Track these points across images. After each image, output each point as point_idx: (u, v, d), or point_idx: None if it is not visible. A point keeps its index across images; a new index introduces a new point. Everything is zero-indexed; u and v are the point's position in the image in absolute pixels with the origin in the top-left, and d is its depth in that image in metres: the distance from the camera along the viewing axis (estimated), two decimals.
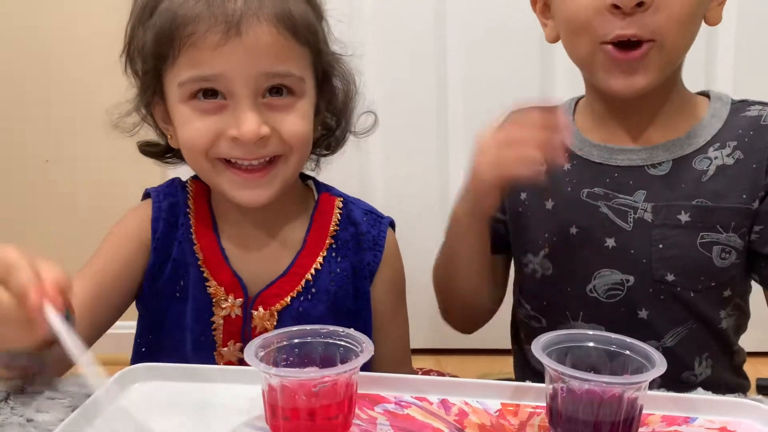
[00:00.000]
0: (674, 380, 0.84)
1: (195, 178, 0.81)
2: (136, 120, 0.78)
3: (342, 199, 0.83)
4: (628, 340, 0.59)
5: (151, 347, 0.80)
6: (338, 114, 0.81)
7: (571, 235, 0.84)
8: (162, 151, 0.82)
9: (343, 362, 0.58)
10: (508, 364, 1.63)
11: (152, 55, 0.71)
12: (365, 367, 0.85)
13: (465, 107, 1.64)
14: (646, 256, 0.81)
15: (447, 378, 0.67)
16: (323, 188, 0.84)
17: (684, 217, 0.80)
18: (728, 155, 0.80)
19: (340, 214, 0.81)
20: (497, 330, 1.69)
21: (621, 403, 0.54)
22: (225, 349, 0.77)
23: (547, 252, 0.86)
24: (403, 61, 1.63)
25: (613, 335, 0.60)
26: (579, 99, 0.91)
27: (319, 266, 0.78)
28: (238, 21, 0.66)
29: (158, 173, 1.03)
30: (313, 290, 0.77)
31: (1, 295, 0.53)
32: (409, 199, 1.69)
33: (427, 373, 1.40)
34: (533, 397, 0.63)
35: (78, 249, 0.82)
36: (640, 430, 0.59)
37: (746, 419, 0.61)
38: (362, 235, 0.81)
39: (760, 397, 0.66)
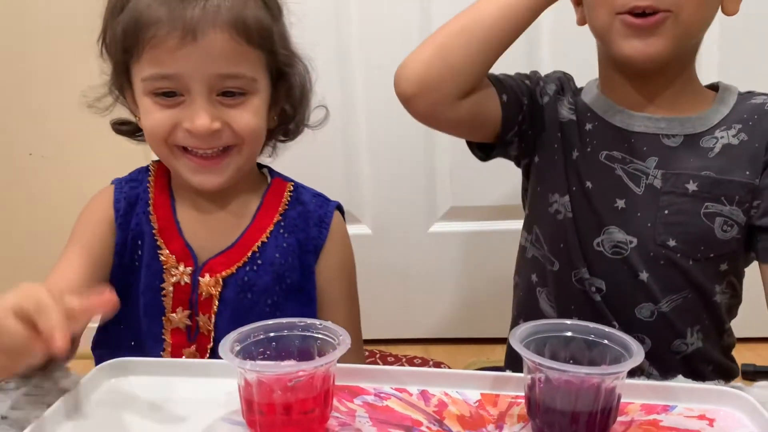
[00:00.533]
0: (666, 347, 0.87)
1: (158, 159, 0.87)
2: (109, 102, 0.84)
3: (293, 184, 0.88)
4: (607, 329, 0.59)
5: (113, 317, 0.82)
6: (296, 106, 0.86)
7: (587, 188, 0.88)
8: (134, 129, 0.87)
9: (320, 355, 0.57)
10: (495, 352, 1.64)
11: (121, 48, 0.77)
12: None
13: None
14: (651, 220, 0.84)
15: (427, 369, 0.67)
16: (276, 175, 0.89)
17: (692, 186, 0.83)
18: (733, 136, 0.84)
19: (290, 195, 0.86)
20: (484, 320, 1.71)
21: (599, 393, 0.54)
22: (173, 314, 0.81)
23: (569, 198, 0.89)
24: (390, 63, 1.62)
25: (591, 324, 0.60)
26: None
27: (265, 239, 0.82)
28: (195, 27, 0.72)
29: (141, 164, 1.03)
30: (259, 261, 0.81)
31: (15, 329, 0.54)
32: (395, 197, 1.68)
33: (411, 360, 1.41)
34: (513, 387, 0.63)
35: (61, 243, 0.83)
36: (619, 419, 0.59)
37: (725, 407, 0.61)
38: (309, 213, 0.85)
39: (740, 384, 0.66)
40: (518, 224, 1.69)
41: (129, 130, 0.88)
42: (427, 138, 1.65)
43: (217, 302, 0.80)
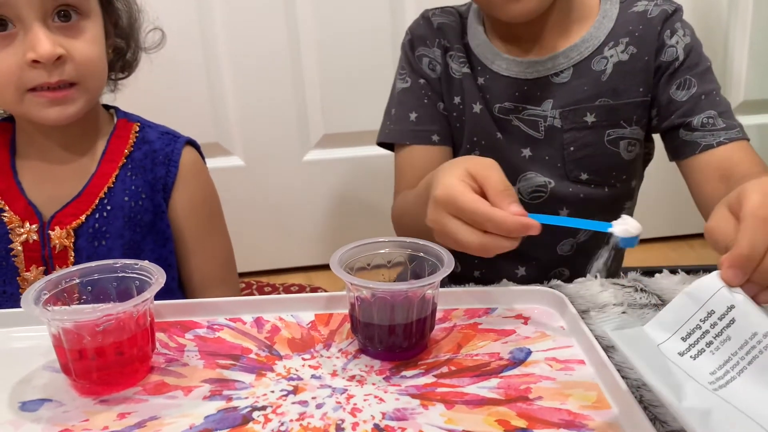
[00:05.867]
0: (582, 274, 0.87)
1: None
2: None
3: (140, 123, 0.85)
4: (421, 242, 0.61)
5: None
6: (126, 36, 0.83)
7: (498, 139, 0.87)
8: None
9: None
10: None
11: None
12: (173, 291, 0.85)
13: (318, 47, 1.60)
14: (560, 161, 0.86)
15: (260, 296, 0.68)
16: (122, 115, 0.86)
17: (590, 118, 0.84)
18: (622, 51, 0.84)
19: (136, 136, 0.84)
20: None
21: (411, 305, 0.56)
22: (27, 273, 0.80)
23: (477, 155, 0.88)
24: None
25: (407, 240, 0.62)
26: None
27: (111, 184, 0.81)
28: None
29: None
30: (108, 207, 0.80)
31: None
32: (265, 128, 1.65)
33: (288, 288, 1.42)
34: (346, 305, 0.65)
35: None
36: (442, 325, 0.63)
37: (539, 305, 0.66)
38: (155, 152, 0.83)
39: (558, 282, 0.71)
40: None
41: None
42: (294, 64, 1.62)
43: (73, 253, 0.79)
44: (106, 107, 0.87)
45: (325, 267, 1.84)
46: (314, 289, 1.40)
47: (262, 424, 0.50)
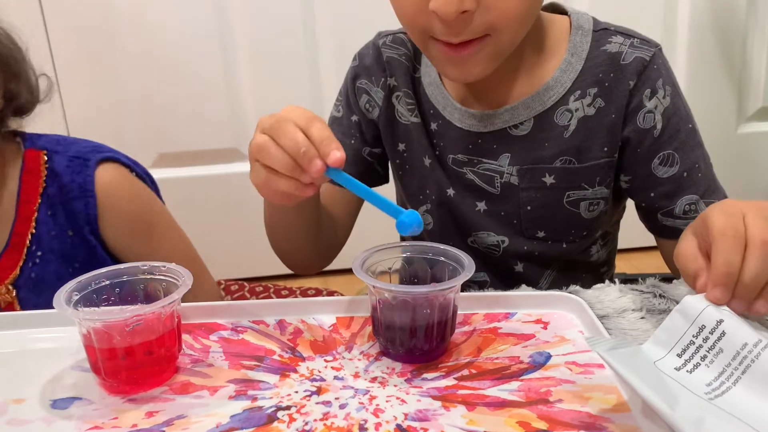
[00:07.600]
0: None
1: None
2: None
3: (46, 151, 0.80)
4: (442, 247, 0.62)
5: None
6: (15, 79, 0.78)
7: (448, 195, 0.83)
8: None
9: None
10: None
11: None
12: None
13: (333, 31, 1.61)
14: (516, 218, 0.81)
15: (283, 299, 0.69)
16: (29, 143, 0.81)
17: (549, 180, 0.78)
18: (589, 105, 0.76)
19: (46, 168, 0.79)
20: None
21: (432, 308, 0.57)
22: None
23: (429, 208, 0.85)
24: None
25: (428, 244, 0.63)
26: None
27: (33, 230, 0.77)
28: None
29: None
30: (39, 253, 0.77)
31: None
32: None
33: (305, 291, 1.43)
34: (366, 309, 0.66)
35: None
36: (462, 329, 0.63)
37: (558, 310, 0.66)
38: (65, 187, 0.78)
39: (576, 288, 0.72)
40: None
41: None
42: (312, 71, 1.64)
43: (18, 307, 0.77)
44: (13, 133, 0.81)
45: (341, 271, 1.85)
46: (330, 293, 1.41)
47: (287, 424, 0.51)
